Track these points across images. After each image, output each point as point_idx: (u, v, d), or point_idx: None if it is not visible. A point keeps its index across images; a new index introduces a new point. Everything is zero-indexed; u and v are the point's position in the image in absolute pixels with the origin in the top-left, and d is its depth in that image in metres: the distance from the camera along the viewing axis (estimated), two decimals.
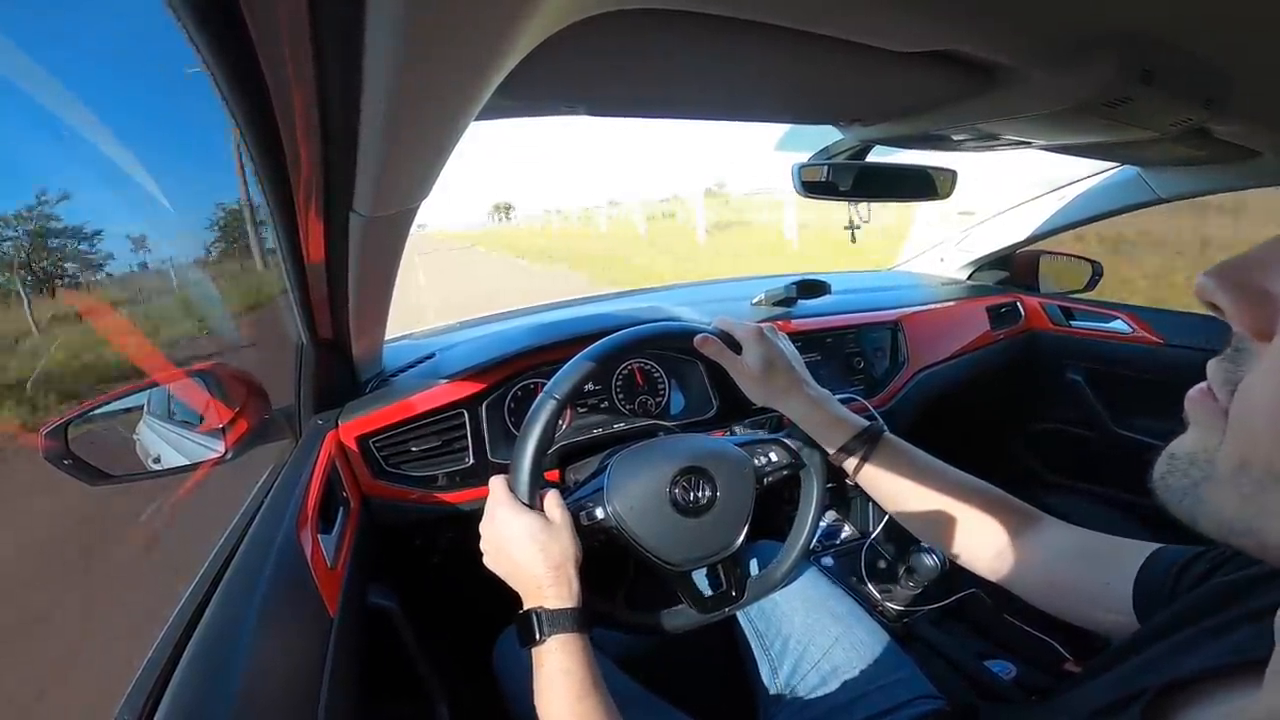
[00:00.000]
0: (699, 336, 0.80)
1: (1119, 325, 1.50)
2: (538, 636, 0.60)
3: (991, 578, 0.67)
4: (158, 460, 0.85)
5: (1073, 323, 1.60)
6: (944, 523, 0.70)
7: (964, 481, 0.71)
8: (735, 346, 0.79)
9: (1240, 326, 0.26)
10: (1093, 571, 0.58)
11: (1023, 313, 1.64)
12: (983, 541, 0.68)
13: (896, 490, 0.73)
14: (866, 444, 0.74)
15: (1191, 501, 0.27)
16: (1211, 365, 0.28)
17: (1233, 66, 0.59)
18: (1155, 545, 0.54)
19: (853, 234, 1.34)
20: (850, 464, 0.75)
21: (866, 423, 0.76)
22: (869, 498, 0.80)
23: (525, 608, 0.63)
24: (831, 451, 0.76)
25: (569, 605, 0.61)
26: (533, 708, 0.59)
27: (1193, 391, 0.29)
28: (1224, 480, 0.26)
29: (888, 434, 0.76)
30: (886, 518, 1.29)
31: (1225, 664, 0.34)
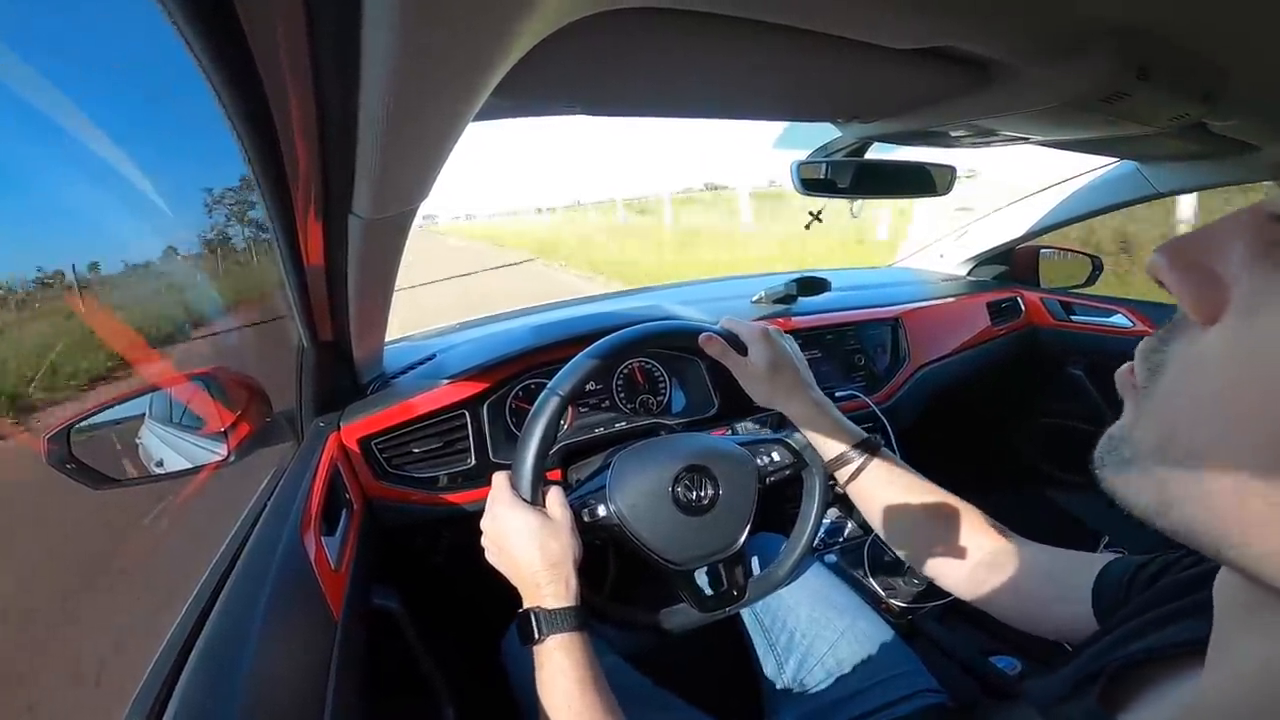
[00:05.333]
0: (704, 336, 0.81)
1: (1119, 320, 1.50)
2: (536, 636, 0.60)
3: (962, 595, 0.69)
4: (161, 464, 0.85)
5: (1073, 318, 1.60)
6: (922, 542, 0.72)
7: (946, 502, 0.72)
8: (740, 347, 0.79)
9: (1185, 307, 0.26)
10: (1054, 585, 0.61)
11: (1023, 308, 1.64)
12: (957, 563, 0.69)
13: (883, 504, 0.74)
14: (864, 455, 0.75)
15: (1121, 481, 0.27)
16: (1142, 342, 0.28)
17: (1230, 61, 0.59)
18: (1110, 556, 0.57)
19: (810, 225, 1.31)
20: (844, 472, 0.76)
21: (865, 434, 0.77)
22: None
23: (524, 606, 0.63)
24: (828, 458, 0.77)
25: (567, 604, 0.62)
26: (536, 696, 0.59)
27: (1122, 368, 0.29)
28: (1146, 459, 0.26)
29: (884, 448, 0.76)
30: None
31: (1174, 643, 0.35)
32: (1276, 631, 0.25)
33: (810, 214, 1.27)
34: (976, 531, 0.69)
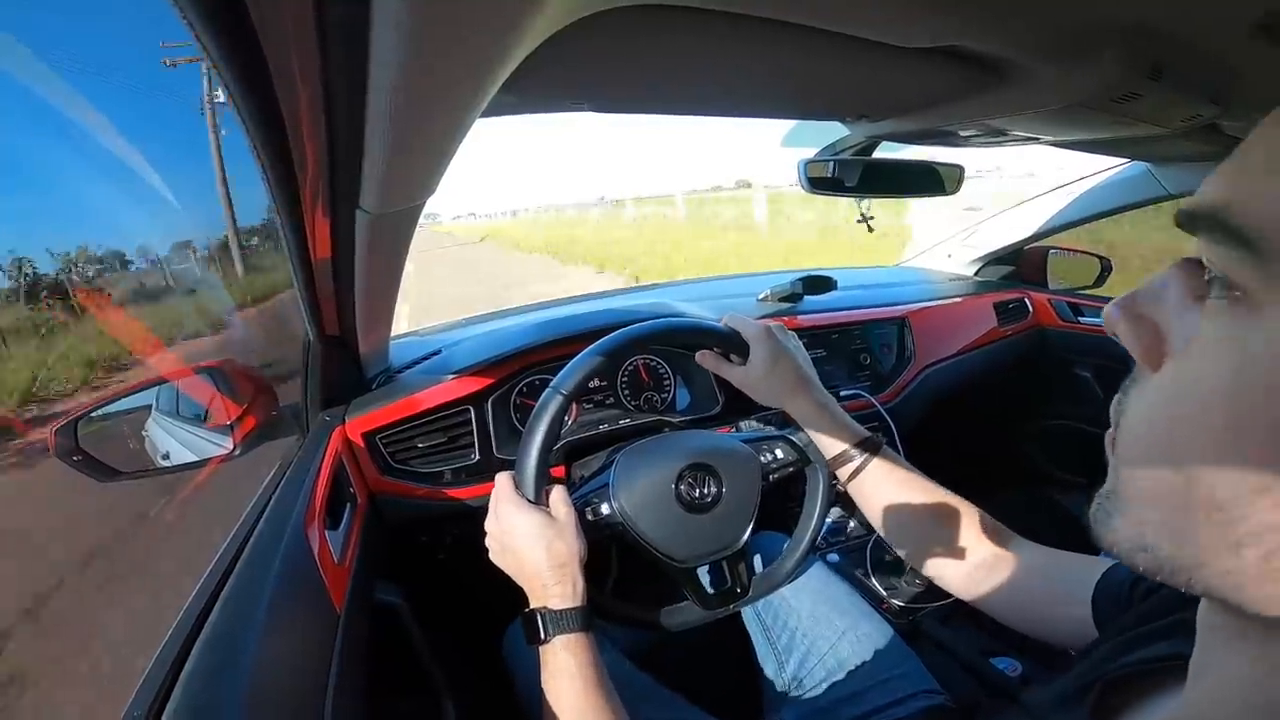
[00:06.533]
0: (699, 353, 0.83)
1: None
2: (542, 636, 0.60)
3: (962, 596, 0.69)
4: (167, 457, 0.85)
5: (1081, 319, 1.59)
6: (923, 542, 0.72)
7: (948, 502, 0.71)
8: (742, 344, 0.79)
9: (1136, 357, 0.28)
10: (1055, 588, 0.61)
11: (1030, 309, 1.63)
12: (956, 563, 0.69)
13: (884, 503, 0.74)
14: (865, 453, 0.74)
15: (1107, 533, 0.28)
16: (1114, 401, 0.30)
17: (1241, 63, 0.59)
18: (1112, 561, 0.56)
19: (868, 225, 1.31)
20: (845, 471, 0.75)
21: (868, 432, 0.76)
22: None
23: (530, 606, 0.63)
24: (829, 456, 0.77)
25: (573, 605, 0.62)
26: (541, 696, 0.59)
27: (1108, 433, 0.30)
28: (1123, 506, 0.28)
29: (886, 447, 0.76)
30: None
31: (1163, 657, 0.36)
32: (1252, 657, 0.26)
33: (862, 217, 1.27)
34: (977, 532, 0.69)
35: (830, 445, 0.76)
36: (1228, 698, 0.27)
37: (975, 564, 0.68)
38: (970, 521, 0.69)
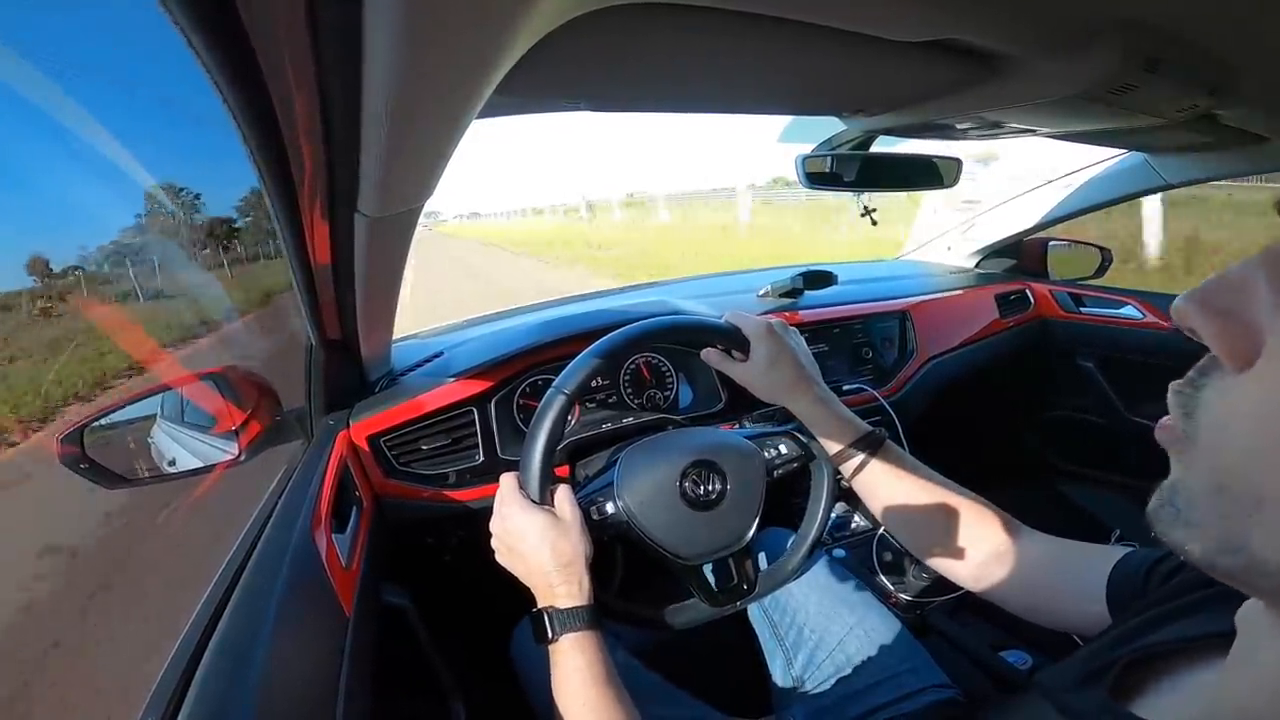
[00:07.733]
0: (705, 351, 0.83)
1: (1129, 311, 1.49)
2: (550, 635, 0.60)
3: (973, 588, 0.69)
4: (173, 463, 0.86)
5: (1083, 309, 1.59)
6: (930, 536, 0.72)
7: (953, 494, 0.71)
8: (744, 342, 0.79)
9: (1221, 355, 0.26)
10: (1067, 577, 0.60)
11: (1032, 300, 1.63)
12: (965, 556, 0.69)
13: (889, 498, 0.74)
14: (868, 449, 0.74)
15: (1179, 532, 0.27)
16: (1171, 392, 0.28)
17: (1238, 53, 0.59)
18: (1127, 548, 0.56)
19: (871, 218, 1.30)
20: (849, 467, 0.75)
21: (870, 427, 0.76)
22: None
23: (538, 606, 0.63)
24: (832, 453, 0.77)
25: (580, 603, 0.62)
26: (550, 695, 0.60)
27: (1161, 422, 0.29)
28: (1202, 505, 0.26)
29: (889, 441, 0.76)
30: None
31: (1189, 636, 0.36)
32: None
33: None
34: (985, 524, 0.68)
35: (832, 442, 0.76)
36: (1266, 687, 0.27)
37: (985, 556, 0.67)
38: (978, 514, 0.69)
